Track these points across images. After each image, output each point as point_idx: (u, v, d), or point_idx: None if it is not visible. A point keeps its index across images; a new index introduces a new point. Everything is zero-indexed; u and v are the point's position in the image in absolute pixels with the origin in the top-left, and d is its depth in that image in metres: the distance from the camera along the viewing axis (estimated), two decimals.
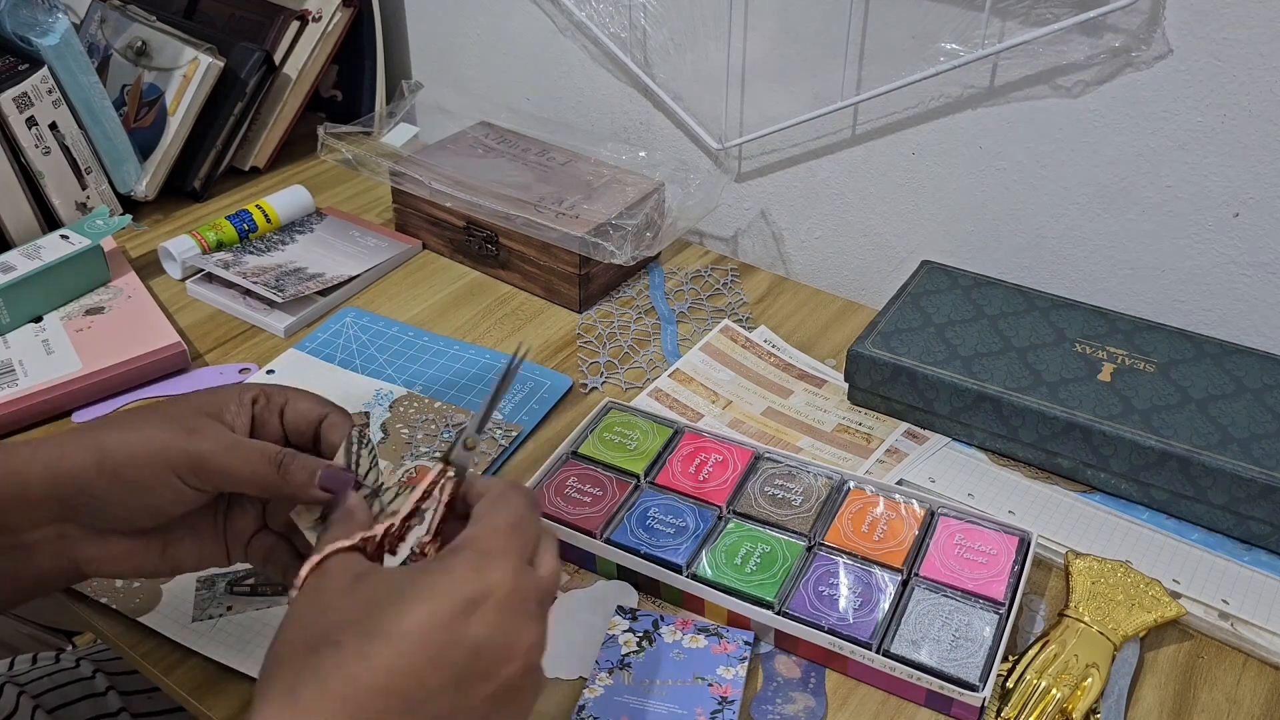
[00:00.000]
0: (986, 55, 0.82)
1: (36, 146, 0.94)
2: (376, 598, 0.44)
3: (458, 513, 0.50)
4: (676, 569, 0.65)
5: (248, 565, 0.66)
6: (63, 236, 0.91)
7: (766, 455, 0.74)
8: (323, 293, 0.93)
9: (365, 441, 0.54)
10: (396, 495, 0.52)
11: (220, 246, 0.97)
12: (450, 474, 0.51)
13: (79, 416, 0.81)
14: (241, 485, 0.53)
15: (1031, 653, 0.62)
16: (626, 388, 0.86)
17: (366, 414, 0.80)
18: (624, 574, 0.67)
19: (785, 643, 0.63)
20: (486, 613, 0.43)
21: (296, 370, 0.85)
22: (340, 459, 0.53)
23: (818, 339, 0.91)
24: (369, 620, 0.43)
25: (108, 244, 0.94)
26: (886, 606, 0.63)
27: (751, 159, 1.02)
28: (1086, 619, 0.64)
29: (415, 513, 0.50)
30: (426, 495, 0.50)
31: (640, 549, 0.66)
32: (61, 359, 0.83)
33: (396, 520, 0.49)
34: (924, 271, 0.88)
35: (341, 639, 0.42)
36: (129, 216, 0.94)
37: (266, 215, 1.01)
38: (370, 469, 0.54)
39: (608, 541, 0.67)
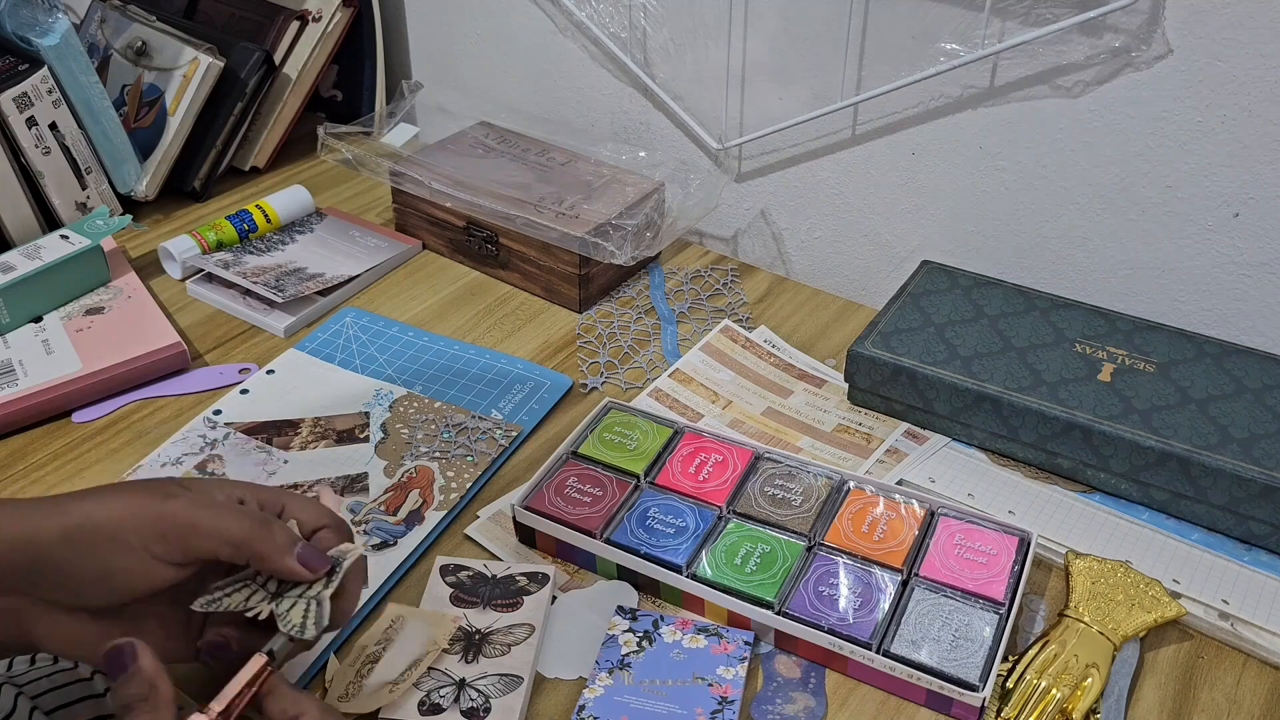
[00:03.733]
0: (986, 55, 0.82)
1: (36, 146, 0.94)
2: None
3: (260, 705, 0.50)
4: (676, 569, 0.65)
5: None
6: (63, 236, 0.91)
7: (766, 455, 0.74)
8: (323, 293, 0.93)
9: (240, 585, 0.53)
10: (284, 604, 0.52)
11: (220, 246, 0.97)
12: (269, 666, 0.50)
13: (79, 417, 0.81)
14: (216, 542, 0.51)
15: (1031, 653, 0.62)
16: (626, 388, 0.86)
17: (366, 414, 0.80)
18: (624, 574, 0.67)
19: (785, 643, 0.63)
20: None
21: (296, 370, 0.85)
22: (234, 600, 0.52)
23: (818, 339, 0.91)
24: None
25: (108, 244, 0.94)
26: (886, 606, 0.63)
27: (751, 159, 1.02)
28: (1086, 619, 0.64)
29: (234, 705, 0.49)
30: (250, 686, 0.49)
31: (640, 549, 0.66)
32: (61, 359, 0.83)
33: (215, 709, 0.48)
34: (924, 271, 0.88)
35: None
36: (129, 216, 0.94)
37: (266, 215, 1.01)
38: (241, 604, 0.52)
39: (608, 541, 0.67)
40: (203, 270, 0.96)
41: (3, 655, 0.54)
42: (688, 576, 0.65)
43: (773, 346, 0.89)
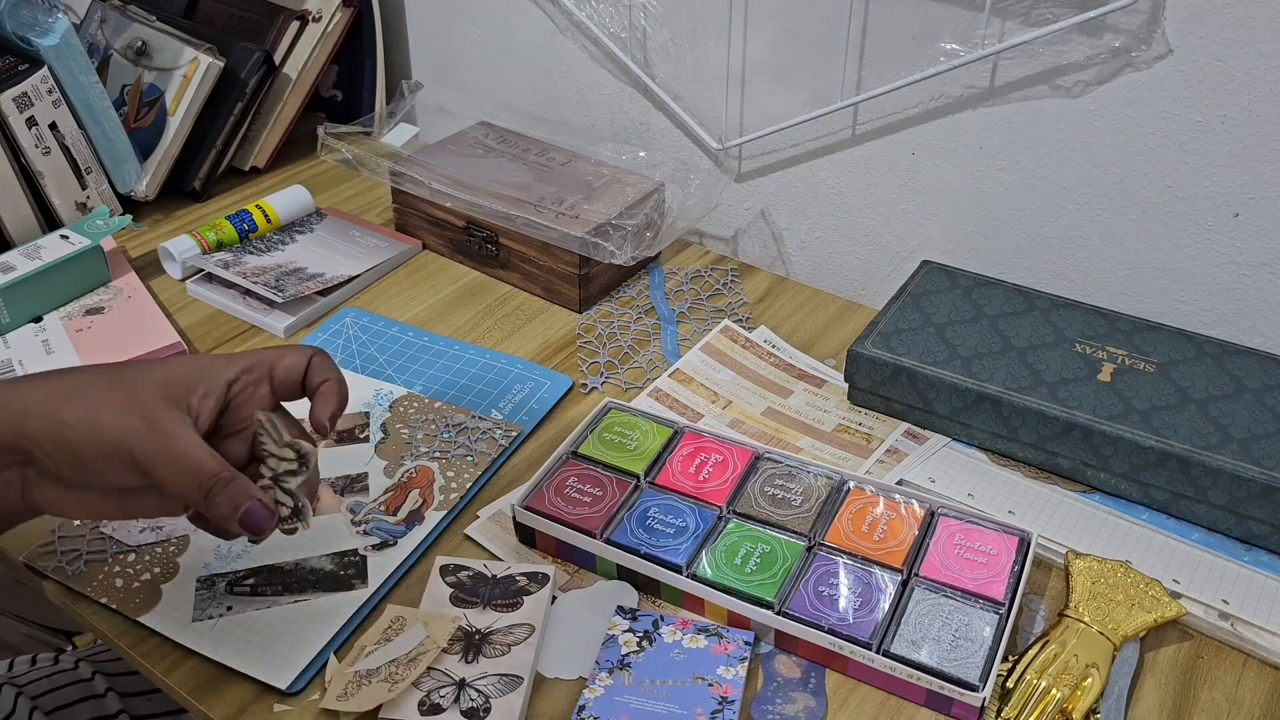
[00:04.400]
0: (986, 55, 0.82)
1: (36, 146, 0.94)
2: None
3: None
4: (676, 569, 0.65)
5: (250, 566, 0.66)
6: (63, 236, 0.91)
7: (766, 455, 0.74)
8: (323, 293, 0.93)
9: (271, 425, 0.58)
10: (294, 475, 0.57)
11: (220, 246, 0.97)
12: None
13: None
14: (176, 496, 0.55)
15: (1031, 653, 0.62)
16: (626, 388, 0.86)
17: (366, 414, 0.80)
18: (624, 574, 0.67)
19: (785, 643, 0.63)
20: None
21: None
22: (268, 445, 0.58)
23: (818, 339, 0.91)
24: None
25: (108, 244, 0.94)
26: (886, 606, 0.63)
27: (751, 159, 1.02)
28: (1086, 619, 0.64)
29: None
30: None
31: (640, 549, 0.66)
32: (61, 359, 0.83)
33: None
34: (924, 271, 0.88)
35: None
36: (129, 216, 0.94)
37: (266, 215, 1.01)
38: (270, 455, 0.57)
39: (608, 541, 0.67)
40: (203, 270, 0.96)
41: (6, 525, 0.57)
42: (688, 576, 0.65)
43: (773, 346, 0.89)
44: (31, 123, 0.93)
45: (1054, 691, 0.60)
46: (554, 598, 0.67)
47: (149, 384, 0.54)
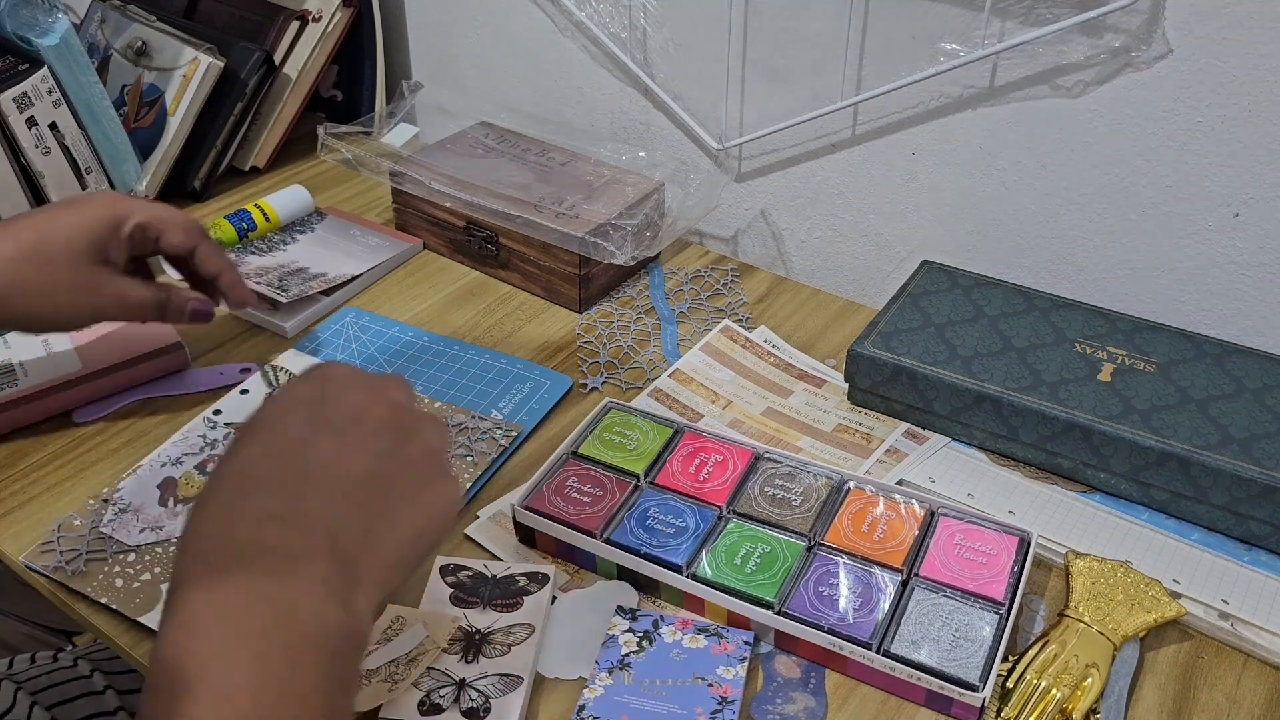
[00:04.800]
0: (986, 55, 0.82)
1: (36, 146, 0.94)
2: None
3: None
4: (676, 569, 0.65)
5: None
6: None
7: (766, 455, 0.74)
8: (325, 292, 0.93)
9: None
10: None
11: (220, 246, 0.97)
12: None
13: (79, 417, 0.81)
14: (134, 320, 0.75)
15: (1031, 653, 0.62)
16: (626, 388, 0.86)
17: None
18: (624, 574, 0.67)
19: (785, 643, 0.63)
20: (327, 381, 0.49)
21: (297, 370, 0.85)
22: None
23: (818, 339, 0.91)
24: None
25: None
26: (886, 606, 0.63)
27: (751, 159, 1.02)
28: (1086, 619, 0.64)
29: None
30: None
31: (640, 549, 0.66)
32: (61, 359, 0.83)
33: None
34: (924, 271, 0.88)
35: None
36: None
37: (266, 215, 1.01)
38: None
39: (608, 541, 0.67)
40: None
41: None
42: (688, 576, 0.65)
43: (773, 346, 0.89)
44: (31, 123, 0.93)
45: (1054, 691, 0.60)
46: (554, 598, 0.67)
47: (75, 255, 0.69)
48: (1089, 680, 0.61)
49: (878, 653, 0.60)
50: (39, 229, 0.69)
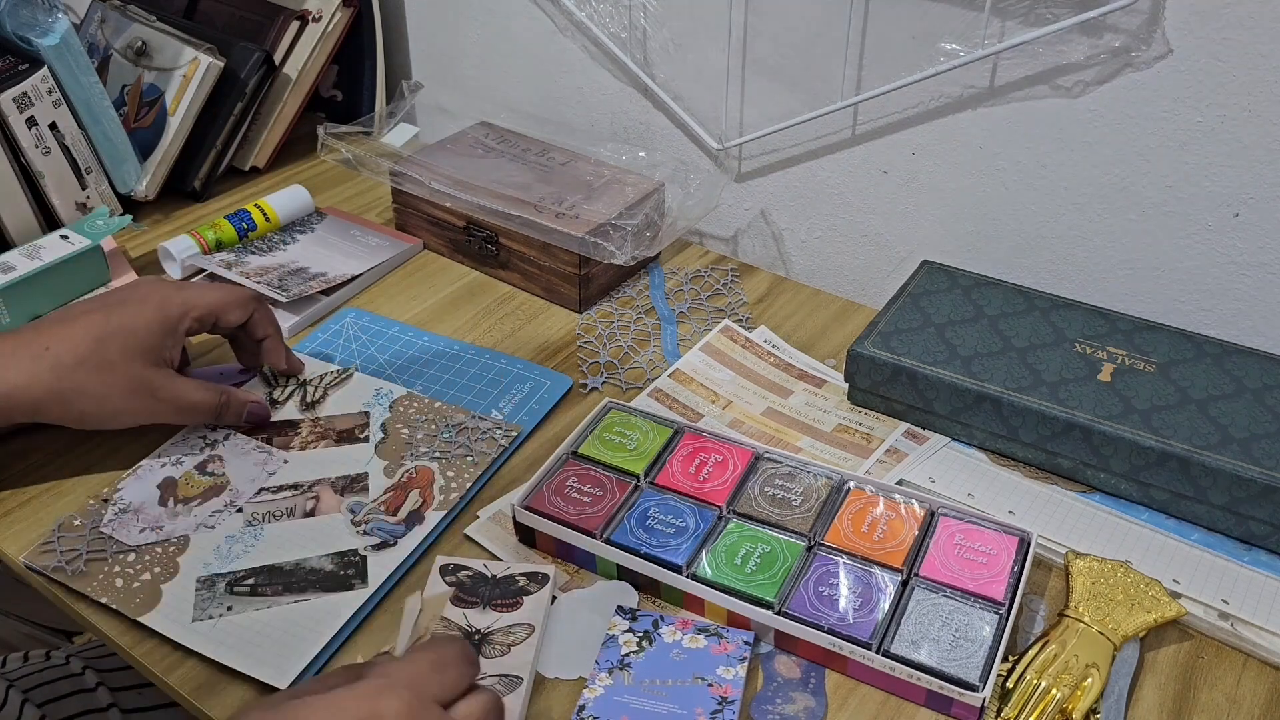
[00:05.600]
0: (986, 55, 0.82)
1: (36, 146, 0.94)
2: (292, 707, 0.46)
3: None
4: (676, 569, 0.65)
5: (250, 566, 0.66)
6: (63, 236, 0.91)
7: (766, 455, 0.74)
8: (326, 292, 0.93)
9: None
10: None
11: (220, 246, 0.97)
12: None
13: None
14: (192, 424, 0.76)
15: (1031, 653, 0.62)
16: (626, 388, 0.86)
17: (366, 414, 0.80)
18: (624, 574, 0.67)
19: (785, 643, 0.63)
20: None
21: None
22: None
23: (818, 339, 0.91)
24: None
25: (108, 244, 0.94)
26: (886, 606, 0.63)
27: (751, 159, 1.02)
28: (1086, 619, 0.64)
29: None
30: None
31: (640, 549, 0.66)
32: None
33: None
34: (924, 271, 0.88)
35: None
36: (129, 216, 0.94)
37: (266, 215, 1.01)
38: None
39: (608, 541, 0.67)
40: (203, 270, 0.96)
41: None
42: (688, 576, 0.65)
43: (773, 346, 0.89)
44: (31, 123, 0.93)
45: (1054, 691, 0.60)
46: (554, 598, 0.67)
47: (132, 359, 0.69)
48: (1089, 680, 0.61)
49: (878, 653, 0.60)
50: (96, 332, 0.69)
